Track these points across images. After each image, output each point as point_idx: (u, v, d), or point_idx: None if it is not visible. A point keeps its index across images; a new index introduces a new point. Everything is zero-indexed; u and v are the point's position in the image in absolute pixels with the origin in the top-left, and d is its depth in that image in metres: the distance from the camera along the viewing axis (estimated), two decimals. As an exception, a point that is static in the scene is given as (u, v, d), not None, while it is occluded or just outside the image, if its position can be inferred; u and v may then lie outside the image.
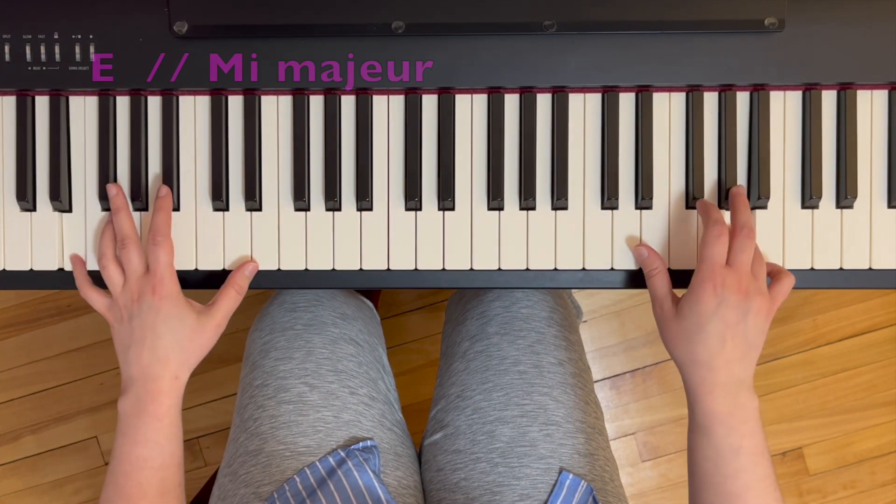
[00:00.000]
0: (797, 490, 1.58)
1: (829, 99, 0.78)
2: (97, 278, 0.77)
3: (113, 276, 0.74)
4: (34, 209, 0.78)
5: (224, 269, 0.78)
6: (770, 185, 0.78)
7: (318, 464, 0.82)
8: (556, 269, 0.78)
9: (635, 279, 0.78)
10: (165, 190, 0.76)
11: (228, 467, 0.85)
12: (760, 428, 0.68)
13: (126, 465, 0.70)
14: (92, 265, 0.78)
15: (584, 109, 0.78)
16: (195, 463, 1.57)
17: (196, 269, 0.78)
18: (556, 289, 0.88)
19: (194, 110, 0.78)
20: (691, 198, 0.78)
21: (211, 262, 0.78)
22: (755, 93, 0.78)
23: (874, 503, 1.58)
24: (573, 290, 1.45)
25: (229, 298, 0.76)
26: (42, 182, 0.78)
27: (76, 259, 0.78)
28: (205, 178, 0.78)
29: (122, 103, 0.78)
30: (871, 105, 0.78)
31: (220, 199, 0.78)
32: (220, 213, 0.78)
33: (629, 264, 0.78)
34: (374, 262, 0.78)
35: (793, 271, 0.77)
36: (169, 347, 0.72)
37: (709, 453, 0.68)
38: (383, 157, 0.78)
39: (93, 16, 0.76)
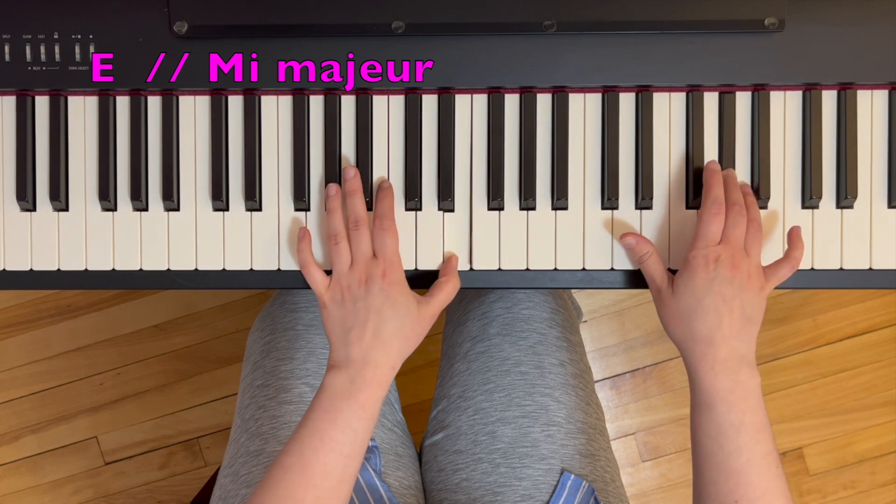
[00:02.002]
0: (797, 490, 1.58)
1: (829, 99, 0.78)
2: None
3: (344, 254, 0.73)
4: (34, 209, 0.78)
5: (224, 269, 0.78)
6: (770, 185, 0.78)
7: (318, 464, 0.82)
8: (556, 269, 0.78)
9: (635, 279, 0.78)
10: (388, 182, 0.77)
11: (230, 468, 0.85)
12: (762, 404, 0.68)
13: (318, 441, 0.68)
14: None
15: (584, 109, 0.78)
16: (195, 463, 1.57)
17: (196, 270, 0.78)
18: (556, 289, 0.88)
19: (194, 110, 0.78)
20: (691, 198, 0.78)
21: (211, 263, 0.78)
22: (755, 93, 0.78)
23: (874, 503, 1.58)
24: (573, 291, 1.45)
25: (446, 291, 0.74)
26: (42, 182, 0.78)
27: (305, 231, 0.76)
28: (205, 178, 0.78)
29: (122, 103, 0.78)
30: (871, 105, 0.78)
31: (220, 199, 0.77)
32: (220, 213, 0.78)
33: (629, 264, 0.78)
34: (375, 263, 0.78)
35: (793, 271, 0.78)
36: (392, 333, 0.71)
37: (711, 431, 0.68)
38: (383, 158, 0.78)
39: (93, 16, 0.76)
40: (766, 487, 0.66)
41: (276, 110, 0.78)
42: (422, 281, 0.78)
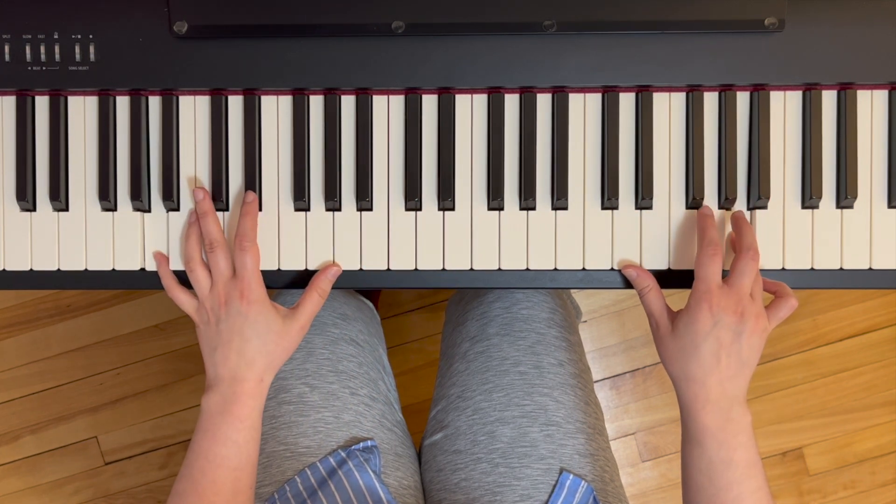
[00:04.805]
0: (797, 490, 1.58)
1: (829, 99, 0.78)
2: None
3: (201, 279, 0.74)
4: (34, 209, 0.78)
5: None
6: (770, 185, 0.78)
7: (318, 464, 0.82)
8: (556, 269, 0.78)
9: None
10: (252, 196, 0.76)
11: (228, 467, 0.85)
12: (752, 441, 0.69)
13: (203, 461, 0.70)
14: (88, 265, 0.78)
15: (584, 109, 0.78)
16: (195, 463, 1.57)
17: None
18: (556, 289, 0.88)
19: (194, 110, 0.78)
20: (691, 198, 0.78)
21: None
22: (755, 93, 0.78)
23: (874, 503, 1.58)
24: (573, 291, 1.45)
25: (312, 301, 0.76)
26: (42, 182, 0.78)
27: (160, 257, 0.77)
28: (204, 178, 0.78)
29: (122, 103, 0.78)
30: (871, 105, 0.78)
31: (220, 199, 0.77)
32: (221, 213, 0.78)
33: (629, 264, 0.78)
34: (374, 262, 0.78)
35: (793, 271, 0.78)
36: (256, 351, 0.72)
37: (702, 466, 0.69)
38: (383, 157, 0.78)
39: (93, 16, 0.76)
40: None
41: (276, 110, 0.78)
42: (424, 281, 0.78)
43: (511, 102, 0.78)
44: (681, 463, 0.73)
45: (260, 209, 0.78)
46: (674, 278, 0.77)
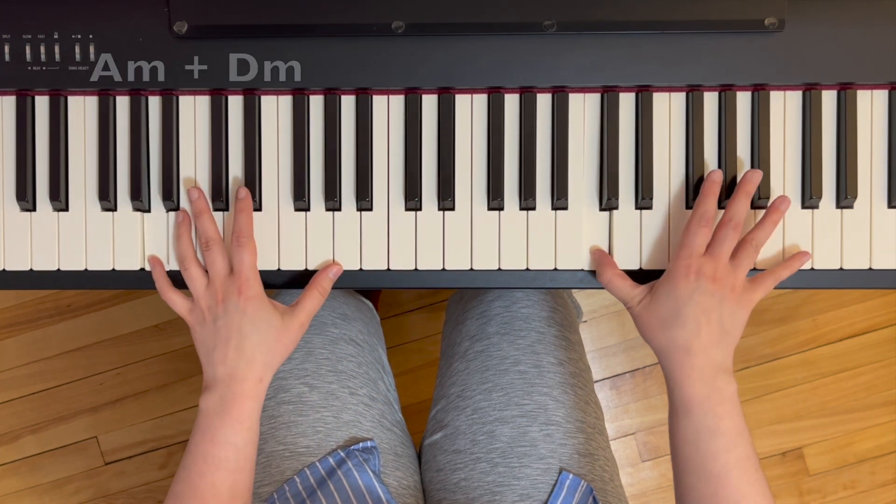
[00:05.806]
0: (797, 490, 1.58)
1: (829, 99, 0.78)
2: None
3: (196, 278, 0.74)
4: (34, 209, 0.78)
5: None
6: (770, 185, 0.78)
7: (317, 464, 0.82)
8: (556, 269, 0.78)
9: (635, 279, 0.78)
10: (245, 192, 0.76)
11: (228, 467, 0.85)
12: (738, 410, 0.69)
13: (202, 463, 0.70)
14: (86, 266, 0.78)
15: (584, 109, 0.78)
16: (195, 463, 1.57)
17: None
18: (556, 289, 0.88)
19: (194, 110, 0.78)
20: (691, 198, 0.78)
21: (211, 263, 0.78)
22: (755, 93, 0.78)
23: (874, 503, 1.58)
24: (573, 290, 1.45)
25: (313, 299, 0.75)
26: (42, 182, 0.78)
27: (155, 260, 0.77)
28: (204, 178, 0.78)
29: (122, 103, 0.78)
30: (871, 105, 0.78)
31: (220, 199, 0.78)
32: (220, 213, 0.78)
33: (629, 264, 0.78)
34: (374, 262, 0.78)
35: (793, 271, 0.78)
36: (255, 347, 0.72)
37: (689, 436, 0.69)
38: (383, 157, 0.78)
39: (93, 16, 0.76)
40: (746, 490, 0.67)
41: (276, 110, 0.78)
42: (424, 281, 0.78)
43: (511, 102, 0.78)
44: (669, 436, 0.73)
45: (260, 209, 0.78)
46: (674, 278, 0.77)
